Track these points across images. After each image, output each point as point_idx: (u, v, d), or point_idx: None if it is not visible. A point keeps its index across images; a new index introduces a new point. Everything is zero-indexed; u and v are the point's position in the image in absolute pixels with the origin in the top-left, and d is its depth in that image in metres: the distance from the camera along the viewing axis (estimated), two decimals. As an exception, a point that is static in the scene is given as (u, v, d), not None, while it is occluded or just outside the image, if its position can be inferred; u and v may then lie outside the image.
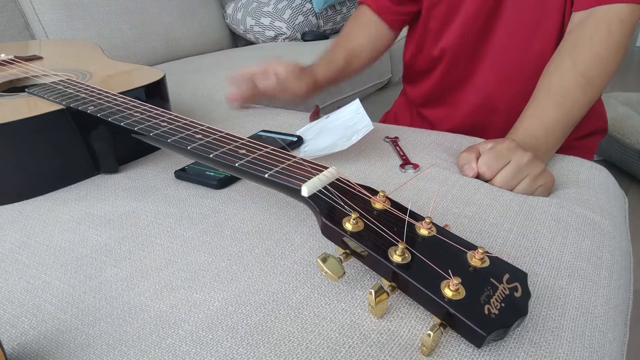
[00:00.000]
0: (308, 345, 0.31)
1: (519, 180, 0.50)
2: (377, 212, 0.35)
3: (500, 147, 0.52)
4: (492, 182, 0.52)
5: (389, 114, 0.99)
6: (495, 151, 0.52)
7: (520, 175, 0.50)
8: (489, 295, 0.29)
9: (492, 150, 0.52)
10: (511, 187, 0.51)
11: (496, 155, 0.51)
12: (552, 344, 0.31)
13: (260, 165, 0.41)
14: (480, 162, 0.52)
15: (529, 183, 0.50)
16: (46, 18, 1.41)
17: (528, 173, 0.50)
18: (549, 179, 0.52)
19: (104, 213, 0.49)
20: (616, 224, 0.47)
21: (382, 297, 0.31)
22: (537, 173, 0.51)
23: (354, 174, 0.54)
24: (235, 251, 0.41)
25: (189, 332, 0.33)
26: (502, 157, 0.51)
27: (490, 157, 0.52)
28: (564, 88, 0.59)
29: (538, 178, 0.51)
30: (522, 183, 0.50)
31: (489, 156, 0.52)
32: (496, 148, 0.52)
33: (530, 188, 0.50)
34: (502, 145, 0.52)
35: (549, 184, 0.52)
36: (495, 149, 0.52)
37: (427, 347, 0.29)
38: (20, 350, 0.32)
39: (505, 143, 0.52)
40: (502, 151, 0.51)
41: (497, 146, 0.52)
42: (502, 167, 0.51)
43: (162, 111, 0.53)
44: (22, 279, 0.39)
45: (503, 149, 0.51)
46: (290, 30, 1.86)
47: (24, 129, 0.51)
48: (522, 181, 0.50)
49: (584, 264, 0.39)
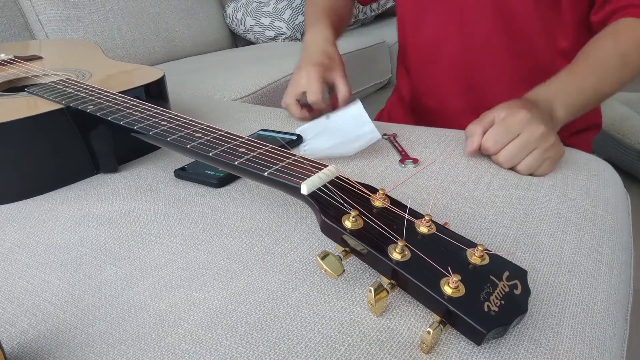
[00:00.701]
0: (307, 344, 0.31)
1: (525, 155, 0.49)
2: (376, 210, 0.35)
3: (512, 120, 0.49)
4: (496, 157, 0.50)
5: (383, 112, 0.99)
6: (505, 124, 0.49)
7: (526, 150, 0.48)
8: (489, 292, 0.29)
9: (503, 123, 0.49)
10: (515, 163, 0.49)
11: (506, 129, 0.49)
12: (552, 340, 0.31)
13: (260, 163, 0.41)
14: (486, 136, 0.50)
15: (536, 157, 0.49)
16: (46, 18, 1.41)
17: (537, 146, 0.48)
18: (558, 151, 0.50)
19: (104, 212, 0.49)
20: (618, 218, 0.47)
21: (382, 295, 0.31)
22: (548, 146, 0.49)
23: (354, 172, 0.54)
24: (235, 250, 0.41)
25: (189, 330, 0.33)
26: (511, 131, 0.49)
27: (499, 131, 0.49)
28: (602, 60, 0.58)
29: (548, 150, 0.49)
30: (529, 157, 0.49)
31: (497, 130, 0.49)
32: (507, 121, 0.49)
33: (537, 162, 0.49)
34: (514, 118, 0.49)
35: (557, 157, 0.50)
36: (505, 122, 0.49)
37: (426, 344, 0.29)
38: (19, 350, 0.32)
39: (519, 114, 0.49)
40: (513, 124, 0.48)
41: (509, 118, 0.49)
42: (510, 141, 0.49)
43: (161, 110, 0.53)
44: (22, 278, 0.39)
45: (515, 122, 0.48)
46: (290, 30, 1.86)
47: (23, 129, 0.51)
48: (529, 155, 0.49)
49: (584, 260, 0.39)
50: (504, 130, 0.49)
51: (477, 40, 0.74)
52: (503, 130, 0.49)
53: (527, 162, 0.49)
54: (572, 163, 0.56)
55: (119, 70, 0.71)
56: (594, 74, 0.58)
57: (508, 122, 0.50)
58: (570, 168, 0.55)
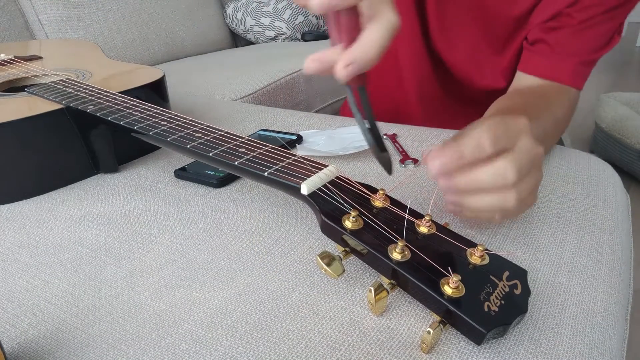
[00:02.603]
0: (307, 344, 0.31)
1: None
2: (376, 210, 0.35)
3: (525, 158, 0.34)
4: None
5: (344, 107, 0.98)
6: (520, 164, 0.34)
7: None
8: (489, 292, 0.29)
9: (515, 162, 0.33)
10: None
11: (520, 170, 0.34)
12: (552, 340, 0.31)
13: (260, 163, 0.41)
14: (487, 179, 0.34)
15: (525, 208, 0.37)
16: (46, 18, 1.41)
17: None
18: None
19: (104, 212, 0.49)
20: (617, 218, 0.47)
21: (382, 295, 0.31)
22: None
23: (354, 172, 0.54)
24: (235, 250, 0.41)
25: (189, 330, 0.33)
26: (525, 174, 0.35)
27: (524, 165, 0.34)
28: (540, 121, 0.50)
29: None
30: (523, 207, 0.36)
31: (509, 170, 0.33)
32: (520, 159, 0.34)
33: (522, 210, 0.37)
34: (527, 155, 0.34)
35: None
36: (518, 161, 0.33)
37: (426, 344, 0.29)
38: (19, 350, 0.32)
39: (534, 150, 0.35)
40: (525, 164, 0.34)
41: (521, 157, 0.34)
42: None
43: (161, 110, 0.53)
44: (22, 278, 0.39)
45: (527, 162, 0.34)
46: (290, 30, 1.86)
47: (23, 129, 0.51)
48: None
49: (584, 260, 0.39)
50: (517, 172, 0.34)
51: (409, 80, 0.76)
52: (517, 172, 0.34)
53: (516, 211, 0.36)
54: (572, 163, 0.56)
55: (119, 70, 0.71)
56: (539, 126, 0.49)
57: (520, 161, 0.34)
58: (570, 168, 0.55)
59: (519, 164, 0.33)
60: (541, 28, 0.60)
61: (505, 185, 0.33)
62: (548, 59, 0.60)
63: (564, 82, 0.59)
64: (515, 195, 0.34)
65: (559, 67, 0.59)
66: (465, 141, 0.33)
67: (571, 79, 0.59)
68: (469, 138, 0.33)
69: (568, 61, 0.59)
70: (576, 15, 0.57)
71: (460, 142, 0.33)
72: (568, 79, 0.59)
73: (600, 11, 0.56)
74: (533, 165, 0.35)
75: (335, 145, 0.60)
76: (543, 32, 0.60)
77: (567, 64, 0.59)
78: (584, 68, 0.59)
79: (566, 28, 0.58)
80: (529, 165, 0.35)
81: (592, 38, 0.58)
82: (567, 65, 0.59)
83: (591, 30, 0.57)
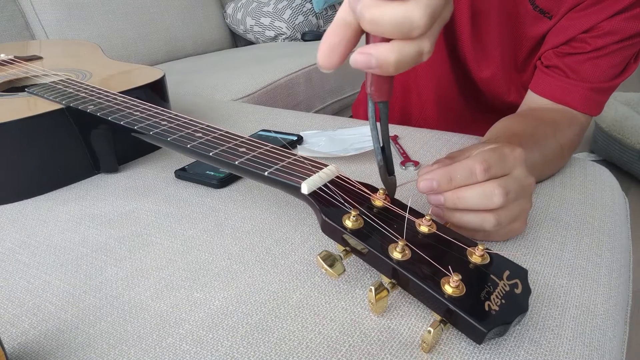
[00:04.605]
0: (308, 344, 0.31)
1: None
2: (377, 210, 0.35)
3: (514, 185, 0.36)
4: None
5: (357, 107, 0.98)
6: (507, 190, 0.35)
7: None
8: (489, 291, 0.29)
9: (503, 188, 0.35)
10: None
11: (507, 196, 0.35)
12: (552, 342, 0.31)
13: (260, 163, 0.41)
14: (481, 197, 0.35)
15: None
16: (46, 18, 1.41)
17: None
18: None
19: (104, 212, 0.49)
20: (616, 221, 0.47)
21: (382, 295, 0.31)
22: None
23: (355, 173, 0.54)
24: (236, 250, 0.41)
25: (189, 331, 0.33)
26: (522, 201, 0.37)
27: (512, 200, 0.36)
28: (546, 146, 0.52)
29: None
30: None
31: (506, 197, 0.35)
32: (508, 186, 0.35)
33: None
34: (518, 183, 0.36)
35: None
36: (506, 187, 0.35)
37: (427, 344, 0.29)
38: (20, 350, 0.32)
39: (526, 181, 0.37)
40: (513, 191, 0.36)
41: (511, 184, 0.36)
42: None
43: (161, 110, 0.53)
44: (23, 279, 0.39)
45: (516, 189, 0.36)
46: (290, 30, 1.86)
47: (23, 129, 0.51)
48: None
49: (584, 262, 0.39)
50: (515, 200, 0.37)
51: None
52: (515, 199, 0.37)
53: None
54: (570, 168, 0.56)
55: (119, 70, 0.71)
56: (540, 153, 0.50)
57: (522, 187, 0.37)
58: (567, 173, 0.55)
59: (507, 190, 0.35)
60: (555, 53, 0.60)
61: (489, 207, 0.35)
62: (560, 83, 0.59)
63: (575, 107, 0.58)
64: (493, 219, 0.36)
65: (570, 91, 0.58)
66: (458, 167, 0.36)
67: (582, 105, 0.58)
68: (461, 165, 0.36)
69: (580, 87, 0.58)
70: (591, 42, 0.56)
71: (452, 167, 0.36)
72: (579, 105, 0.58)
73: (615, 40, 0.55)
74: (522, 194, 0.37)
75: (336, 146, 0.60)
76: (557, 57, 0.59)
77: (579, 90, 0.58)
78: (598, 95, 0.58)
79: (580, 55, 0.57)
80: (518, 194, 0.36)
81: (607, 66, 0.57)
82: (579, 91, 0.58)
83: (606, 58, 0.56)
